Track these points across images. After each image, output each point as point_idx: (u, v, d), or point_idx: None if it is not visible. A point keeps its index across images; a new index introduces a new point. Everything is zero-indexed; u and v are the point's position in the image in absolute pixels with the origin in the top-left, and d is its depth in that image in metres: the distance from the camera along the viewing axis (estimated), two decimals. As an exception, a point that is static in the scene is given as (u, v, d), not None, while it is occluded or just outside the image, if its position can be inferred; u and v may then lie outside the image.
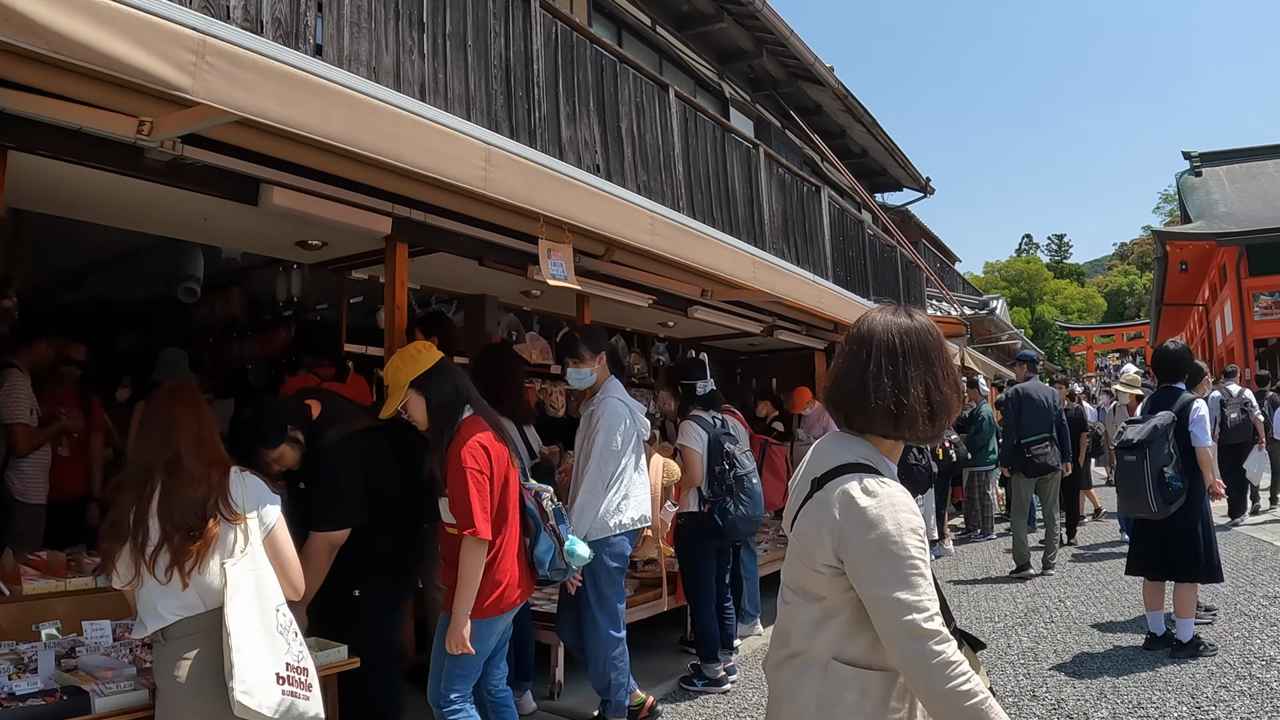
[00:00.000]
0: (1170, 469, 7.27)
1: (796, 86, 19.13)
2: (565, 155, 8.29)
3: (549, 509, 4.82)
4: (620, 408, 5.95)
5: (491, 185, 4.43)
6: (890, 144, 23.17)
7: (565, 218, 5.12)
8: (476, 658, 4.62)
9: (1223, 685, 6.60)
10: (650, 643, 8.21)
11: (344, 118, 3.68)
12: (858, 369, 2.58)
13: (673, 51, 16.01)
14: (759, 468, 8.62)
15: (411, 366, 4.68)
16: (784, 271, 7.85)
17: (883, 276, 18.12)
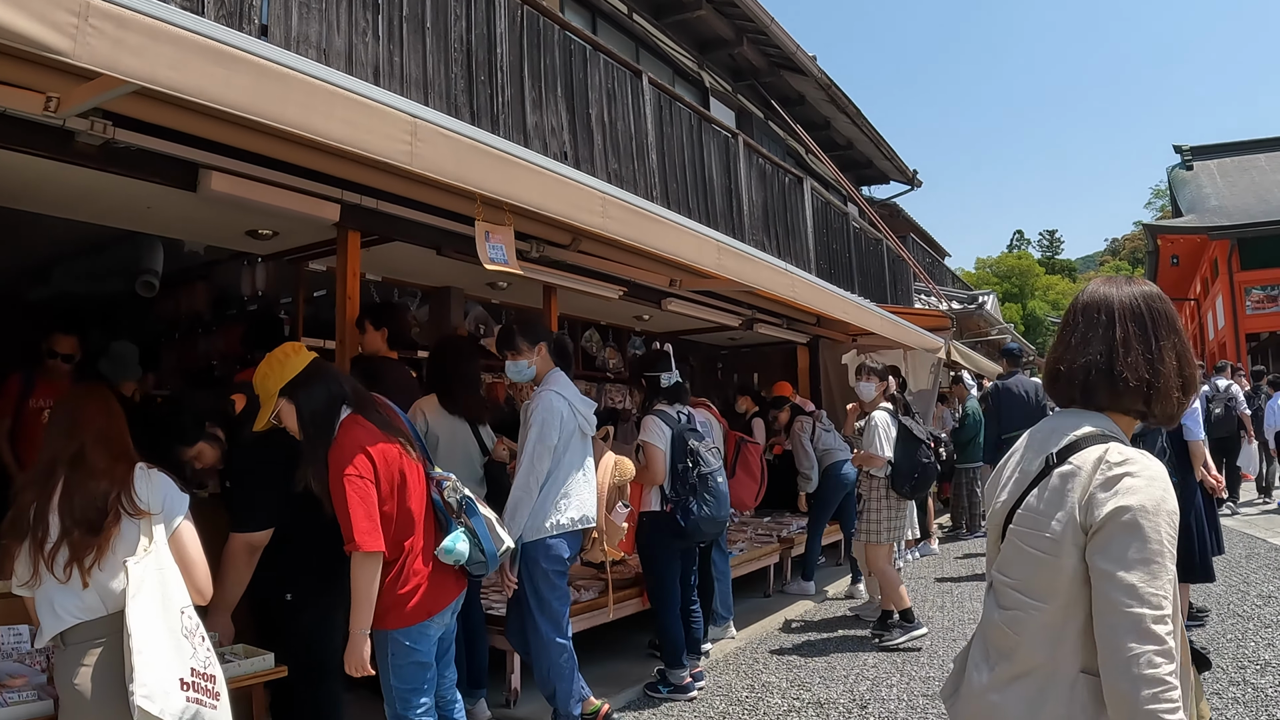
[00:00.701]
0: None
1: (778, 76, 18.90)
2: (530, 141, 8.07)
3: (453, 500, 4.50)
4: (556, 401, 5.65)
5: (418, 161, 4.13)
6: (876, 135, 22.96)
7: (504, 197, 4.81)
8: (418, 668, 4.37)
9: (1215, 692, 6.35)
10: (620, 646, 8.00)
11: (248, 86, 3.40)
12: (1099, 339, 2.30)
13: (650, 40, 15.75)
14: (733, 466, 8.39)
15: (279, 373, 4.34)
16: (752, 258, 7.54)
17: (868, 270, 17.96)
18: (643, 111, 10.12)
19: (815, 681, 7.09)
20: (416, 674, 4.36)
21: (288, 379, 4.31)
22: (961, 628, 8.59)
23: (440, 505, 4.46)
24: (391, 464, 4.26)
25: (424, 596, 4.31)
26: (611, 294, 8.26)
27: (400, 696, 4.35)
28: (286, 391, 4.31)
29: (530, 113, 8.27)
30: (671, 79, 16.01)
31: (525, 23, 8.38)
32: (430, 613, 4.33)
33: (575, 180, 5.41)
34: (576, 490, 5.71)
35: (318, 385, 4.34)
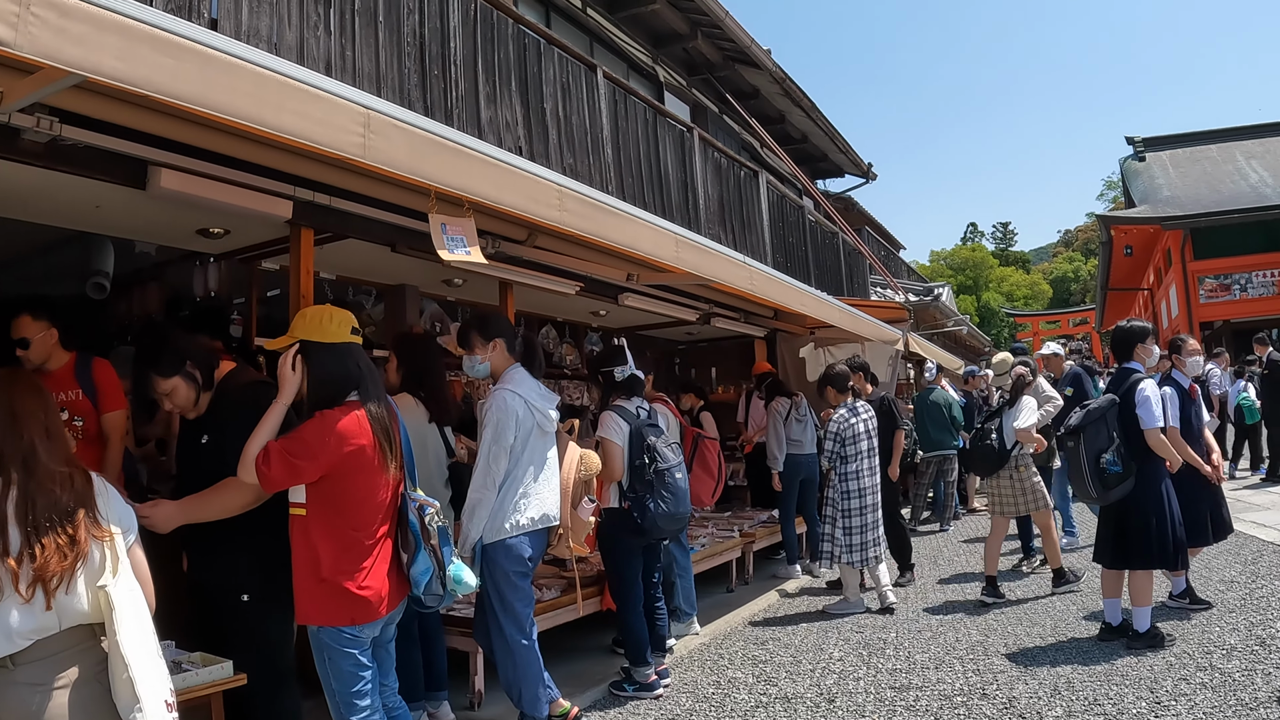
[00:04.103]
0: (1109, 454, 7.07)
1: (733, 70, 18.88)
2: (485, 136, 8.00)
3: (432, 527, 4.45)
4: (512, 400, 5.56)
5: (371, 154, 4.04)
6: (831, 129, 23.00)
7: (459, 190, 4.73)
8: (352, 677, 4.28)
9: (1183, 678, 6.34)
10: (583, 645, 7.96)
11: (196, 77, 3.30)
12: None
13: (604, 34, 15.69)
14: (690, 462, 8.34)
15: (314, 328, 4.38)
16: (710, 251, 7.48)
17: (824, 262, 17.98)
18: (598, 106, 10.06)
19: (781, 676, 7.05)
20: (355, 676, 4.28)
21: (314, 338, 4.34)
22: (924, 618, 8.60)
23: (415, 527, 4.40)
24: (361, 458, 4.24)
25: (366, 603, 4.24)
26: (568, 290, 8.19)
27: (343, 700, 4.28)
28: (307, 349, 4.33)
29: (485, 107, 8.20)
30: (626, 73, 15.95)
31: (479, 16, 8.31)
32: (360, 621, 4.25)
33: (532, 173, 5.33)
34: (536, 489, 5.63)
35: (337, 361, 4.34)
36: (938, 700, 6.26)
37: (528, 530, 5.54)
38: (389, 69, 7.20)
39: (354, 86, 6.44)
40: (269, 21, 6.10)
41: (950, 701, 6.22)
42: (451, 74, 7.86)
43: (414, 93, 7.48)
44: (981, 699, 6.24)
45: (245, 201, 5.43)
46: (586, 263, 7.50)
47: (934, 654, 7.39)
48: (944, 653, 7.40)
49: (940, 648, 7.56)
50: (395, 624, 4.63)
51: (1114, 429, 7.17)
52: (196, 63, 3.33)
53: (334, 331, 4.39)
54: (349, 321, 4.49)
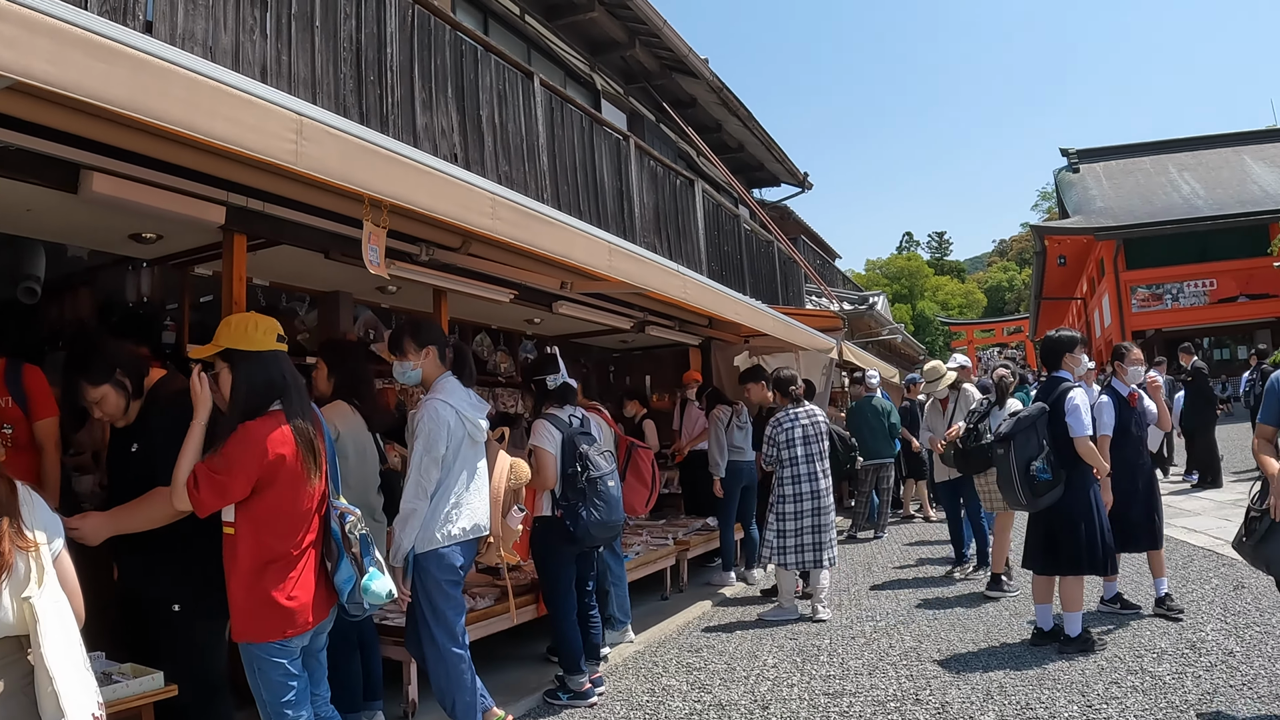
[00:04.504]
0: (1039, 461, 7.16)
1: (671, 79, 18.92)
2: (420, 142, 7.96)
3: (353, 535, 4.43)
4: (443, 409, 5.53)
5: (304, 160, 4.02)
6: (767, 138, 23.08)
7: (392, 197, 4.70)
8: (281, 687, 4.25)
9: (1114, 681, 6.42)
10: (518, 654, 7.94)
11: (128, 81, 3.27)
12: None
13: (542, 41, 15.68)
14: (623, 471, 8.33)
15: (237, 336, 4.37)
16: (644, 260, 7.49)
17: (760, 271, 18.02)
18: (534, 113, 10.04)
19: (716, 684, 7.06)
20: (285, 686, 4.25)
21: (239, 346, 4.33)
22: (859, 624, 8.64)
23: (337, 535, 4.38)
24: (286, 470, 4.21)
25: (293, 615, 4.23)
26: (502, 297, 8.15)
27: (274, 710, 4.26)
28: (232, 357, 4.32)
29: (420, 114, 8.16)
30: (563, 81, 15.95)
31: (416, 22, 8.27)
32: (289, 634, 4.23)
33: (465, 181, 5.31)
34: (467, 499, 5.60)
35: (263, 370, 4.33)
36: (871, 706, 6.30)
37: (459, 540, 5.50)
38: (325, 74, 7.14)
39: (290, 91, 6.44)
40: (205, 25, 6.03)
41: (883, 707, 6.26)
42: (388, 80, 7.82)
43: (350, 98, 7.43)
44: (914, 704, 6.28)
45: (177, 206, 5.35)
46: (520, 270, 7.47)
47: (868, 660, 7.43)
48: (878, 659, 7.44)
49: (874, 654, 7.60)
50: (326, 633, 4.61)
51: (1044, 437, 7.26)
52: (128, 67, 3.30)
53: (260, 339, 4.37)
54: (274, 329, 4.48)
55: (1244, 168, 38.79)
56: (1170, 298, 34.87)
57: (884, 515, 14.88)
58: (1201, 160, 40.42)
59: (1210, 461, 16.55)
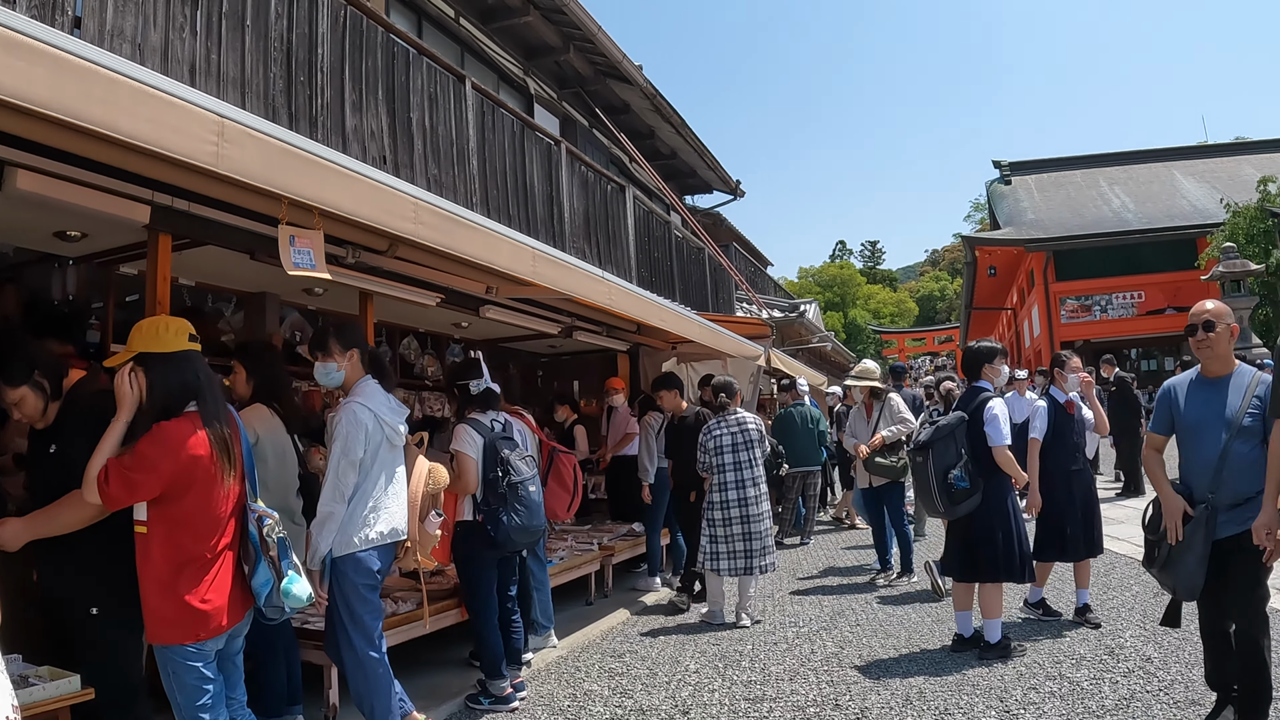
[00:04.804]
0: (957, 470, 7.26)
1: (604, 85, 18.96)
2: (349, 145, 7.93)
3: (270, 538, 4.43)
4: (361, 413, 5.51)
5: (225, 163, 4.00)
6: (700, 145, 23.16)
7: (314, 201, 4.70)
8: (196, 690, 4.23)
9: (1032, 687, 6.52)
10: (440, 659, 7.91)
11: (48, 81, 3.25)
12: None
13: (476, 45, 15.64)
14: (545, 476, 8.33)
15: (148, 340, 4.35)
16: (568, 266, 7.49)
17: (690, 278, 18.07)
18: (465, 117, 10.03)
19: (637, 689, 7.08)
20: (199, 690, 4.23)
21: (151, 349, 4.30)
22: (781, 630, 8.70)
23: (254, 538, 4.38)
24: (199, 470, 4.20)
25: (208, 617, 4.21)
26: (429, 301, 8.12)
27: (189, 714, 4.24)
28: (145, 360, 4.28)
29: (350, 115, 8.13)
30: (496, 85, 15.93)
31: (348, 23, 8.24)
32: (203, 637, 4.22)
33: (388, 185, 5.30)
34: (385, 503, 5.57)
35: (176, 371, 4.31)
36: (791, 711, 6.35)
37: (377, 544, 5.47)
38: (254, 74, 7.10)
39: (218, 91, 6.41)
40: (134, 21, 5.99)
41: (803, 713, 6.30)
42: (318, 81, 7.78)
43: (279, 99, 7.39)
44: (834, 710, 6.32)
45: (102, 205, 5.29)
46: (447, 274, 7.43)
47: (789, 666, 7.47)
48: (799, 664, 7.49)
49: (795, 659, 7.65)
50: (242, 636, 4.59)
51: (962, 446, 7.36)
52: (49, 67, 3.29)
53: (171, 340, 4.36)
54: (185, 329, 4.46)
55: (1174, 182, 39.44)
56: (1099, 309, 35.40)
57: (810, 522, 14.94)
58: (1132, 174, 41.05)
59: (1133, 470, 16.84)
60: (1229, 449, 5.10)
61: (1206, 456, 5.20)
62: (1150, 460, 5.57)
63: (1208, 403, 5.28)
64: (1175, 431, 5.48)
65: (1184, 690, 6.12)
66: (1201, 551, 5.09)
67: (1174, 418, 5.46)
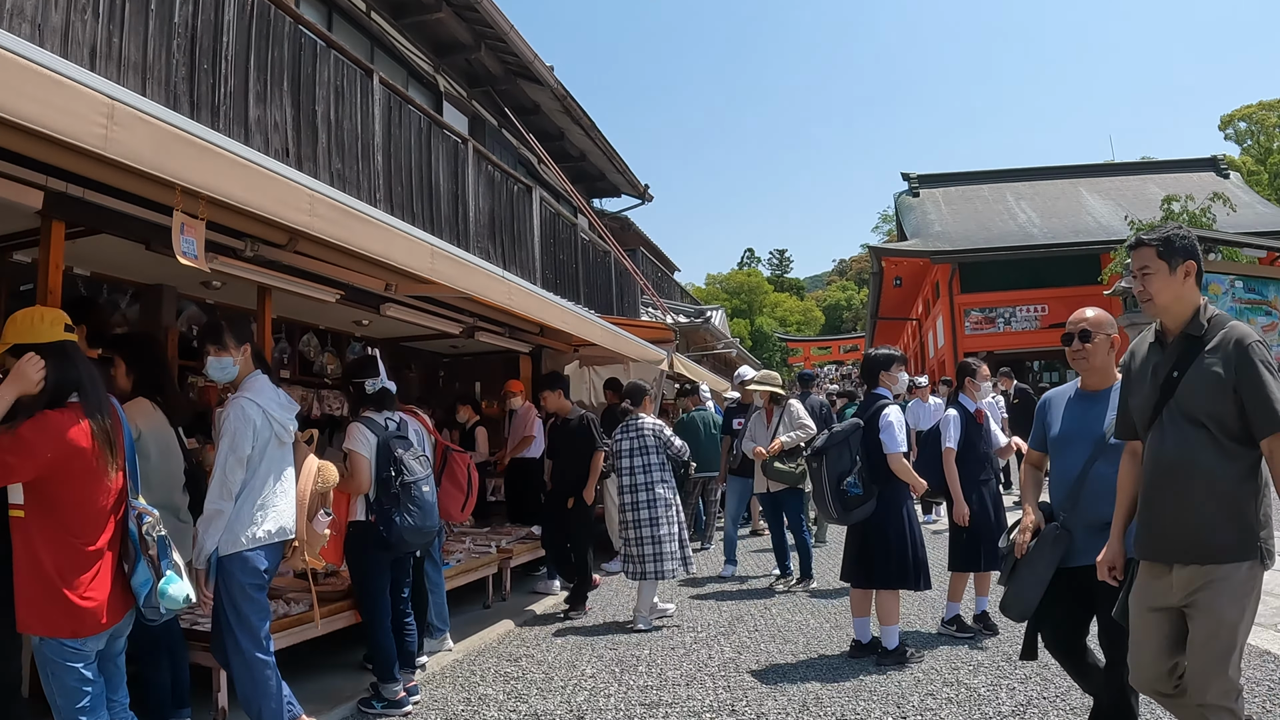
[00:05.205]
0: (851, 476, 7.31)
1: (515, 85, 18.85)
2: (251, 137, 7.79)
3: (150, 536, 4.32)
4: (250, 409, 5.39)
5: (114, 146, 3.89)
6: (609, 149, 23.12)
7: (205, 189, 4.58)
8: (76, 692, 4.11)
9: (929, 693, 6.55)
10: (334, 662, 7.77)
11: (-74, 56, 3.15)
12: None
13: (387, 40, 15.45)
14: (439, 476, 8.24)
15: (24, 331, 4.26)
16: (467, 264, 7.40)
17: (595, 282, 18.04)
18: (371, 112, 9.91)
19: (532, 693, 7.02)
20: (79, 691, 4.13)
21: (26, 340, 4.21)
22: (679, 635, 8.69)
23: (134, 536, 4.27)
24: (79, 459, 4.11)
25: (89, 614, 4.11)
26: (328, 297, 7.99)
27: (68, 716, 4.13)
28: (19, 353, 4.19)
29: (254, 106, 7.99)
30: (406, 81, 15.77)
31: (255, 11, 8.11)
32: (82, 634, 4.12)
33: (283, 176, 5.19)
34: (274, 501, 5.45)
35: (54, 362, 4.21)
36: (687, 717, 6.32)
37: (264, 543, 5.35)
38: (157, 60, 6.95)
39: (119, 76, 6.26)
40: (34, 1, 5.83)
41: (699, 718, 6.28)
42: (222, 69, 7.64)
43: (181, 86, 7.24)
44: (730, 715, 6.31)
45: (-9, 190, 5.16)
46: (346, 270, 7.31)
47: (686, 670, 7.46)
48: (696, 669, 7.48)
49: (693, 664, 7.63)
50: (124, 637, 4.47)
51: (857, 452, 7.41)
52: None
53: (46, 331, 4.26)
54: (61, 319, 4.36)
55: (1080, 199, 40.10)
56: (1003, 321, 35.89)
57: (711, 526, 14.98)
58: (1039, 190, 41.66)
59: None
60: (1090, 469, 4.89)
61: (1068, 475, 5.01)
62: (1024, 475, 5.43)
63: (1080, 418, 5.05)
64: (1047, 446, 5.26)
65: (1080, 697, 6.14)
66: (1042, 574, 4.93)
67: (1045, 432, 5.26)
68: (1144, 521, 4.13)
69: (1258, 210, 37.87)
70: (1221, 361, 3.89)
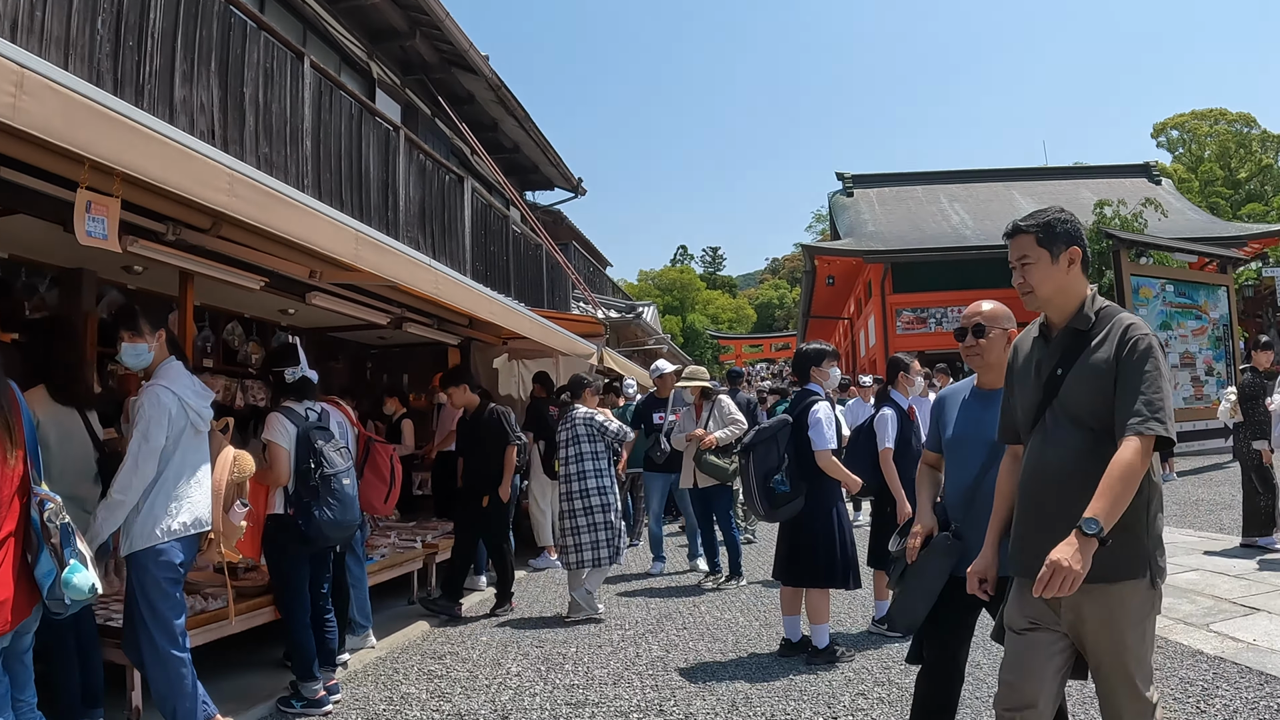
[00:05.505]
0: (780, 474, 7.25)
1: (450, 73, 18.66)
2: (176, 117, 7.60)
3: (53, 524, 4.14)
4: (165, 397, 5.24)
5: (22, 117, 3.70)
6: (543, 140, 22.99)
7: (117, 164, 4.39)
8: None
9: (860, 693, 6.51)
10: (255, 659, 7.63)
11: None
12: None
13: (320, 24, 15.20)
14: (361, 467, 8.11)
15: None
16: (393, 251, 7.22)
17: (526, 274, 17.94)
18: (301, 96, 9.73)
19: (456, 692, 6.92)
20: None
21: None
22: (606, 633, 8.61)
23: (36, 524, 4.08)
24: None
25: None
26: (253, 284, 7.77)
27: None
28: None
29: (180, 86, 7.80)
30: (339, 66, 15.54)
31: (185, -13, 7.91)
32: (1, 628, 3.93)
33: (201, 154, 4.99)
34: (189, 492, 5.32)
35: None
36: (614, 716, 6.25)
37: (180, 536, 5.21)
38: (80, 35, 6.77)
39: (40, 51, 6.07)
40: (-50, -29, 5.65)
41: (627, 718, 6.21)
42: (148, 46, 7.45)
43: (105, 63, 7.05)
44: (658, 715, 6.25)
45: (-101, 165, 4.96)
46: (270, 257, 7.12)
47: (613, 669, 7.38)
48: (624, 668, 7.41)
49: (620, 663, 7.56)
50: (30, 634, 4.30)
51: (785, 449, 7.33)
52: None
53: None
54: None
55: (1012, 202, 40.51)
56: (934, 321, 36.16)
57: (639, 522, 14.91)
58: (973, 193, 42.05)
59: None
60: (987, 474, 4.40)
61: (963, 479, 4.56)
62: (919, 476, 4.92)
63: (976, 419, 4.58)
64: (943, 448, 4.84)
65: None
66: (931, 585, 4.48)
67: (940, 432, 4.84)
68: (1020, 535, 3.73)
69: (1188, 217, 38.57)
70: (1108, 355, 3.51)
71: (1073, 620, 3.55)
